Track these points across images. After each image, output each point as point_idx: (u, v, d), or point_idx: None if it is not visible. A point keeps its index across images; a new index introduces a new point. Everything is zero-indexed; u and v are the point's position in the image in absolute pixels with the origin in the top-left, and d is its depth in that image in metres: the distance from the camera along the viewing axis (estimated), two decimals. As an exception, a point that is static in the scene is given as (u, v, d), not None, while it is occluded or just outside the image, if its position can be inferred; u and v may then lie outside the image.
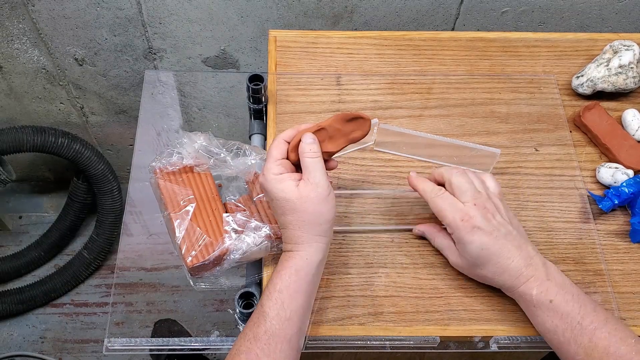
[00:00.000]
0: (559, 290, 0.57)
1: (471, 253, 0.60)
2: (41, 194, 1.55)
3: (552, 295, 0.57)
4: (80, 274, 1.42)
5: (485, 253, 0.59)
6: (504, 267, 0.59)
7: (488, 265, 0.60)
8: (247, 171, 0.68)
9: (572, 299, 0.57)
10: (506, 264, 0.59)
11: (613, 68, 0.77)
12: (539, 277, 0.58)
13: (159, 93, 0.86)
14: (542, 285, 0.58)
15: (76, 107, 1.26)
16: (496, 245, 0.59)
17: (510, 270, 0.59)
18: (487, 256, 0.59)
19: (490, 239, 0.59)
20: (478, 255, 0.59)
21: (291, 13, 1.01)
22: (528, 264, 0.59)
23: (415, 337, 0.62)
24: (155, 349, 0.64)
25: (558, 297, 0.57)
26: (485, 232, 0.59)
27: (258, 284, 0.65)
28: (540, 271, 0.59)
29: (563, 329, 0.56)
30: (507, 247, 0.59)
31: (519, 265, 0.59)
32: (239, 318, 0.61)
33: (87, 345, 1.38)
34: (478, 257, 0.60)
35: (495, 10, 1.01)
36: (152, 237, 0.71)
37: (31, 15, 1.04)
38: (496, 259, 0.59)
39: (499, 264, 0.59)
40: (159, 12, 1.02)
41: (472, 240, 0.59)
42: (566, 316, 0.56)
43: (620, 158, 0.73)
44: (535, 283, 0.58)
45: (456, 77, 0.81)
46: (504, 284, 0.60)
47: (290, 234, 0.58)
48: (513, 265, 0.59)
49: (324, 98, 0.79)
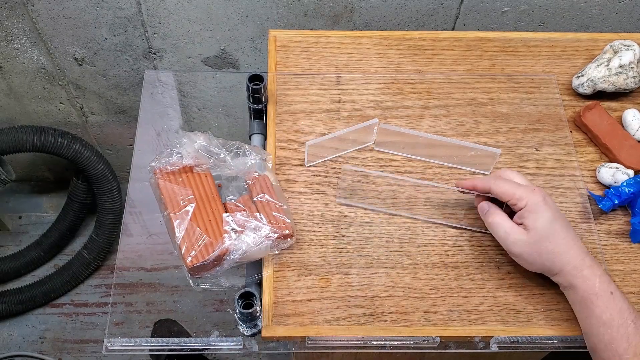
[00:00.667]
0: (616, 286, 0.58)
1: (544, 224, 0.60)
2: (41, 194, 1.55)
3: (613, 288, 0.58)
4: (80, 274, 1.42)
5: (556, 226, 0.60)
6: (571, 243, 0.60)
7: (557, 239, 0.60)
8: (247, 171, 0.68)
9: (625, 298, 0.58)
10: (573, 242, 0.60)
11: (613, 68, 0.77)
12: (599, 268, 0.59)
13: (158, 93, 0.86)
14: (604, 275, 0.59)
15: (76, 107, 1.26)
16: (563, 221, 0.61)
17: (576, 247, 0.60)
18: (557, 229, 0.60)
19: (558, 214, 0.61)
20: (550, 225, 0.60)
21: (291, 13, 1.01)
22: (587, 252, 0.60)
23: (415, 337, 0.62)
24: (155, 349, 0.64)
25: (617, 292, 0.58)
26: (552, 207, 0.61)
27: (258, 284, 0.65)
28: (596, 262, 0.60)
29: (618, 324, 0.56)
30: (570, 228, 0.61)
31: (582, 248, 0.60)
32: (238, 318, 0.61)
33: (87, 346, 1.38)
34: (549, 228, 0.60)
35: (495, 10, 1.01)
36: (152, 237, 0.71)
37: (31, 15, 1.03)
38: (564, 232, 0.60)
39: (567, 238, 0.60)
40: (158, 11, 1.02)
41: (545, 210, 0.60)
42: (623, 312, 0.56)
43: (621, 158, 0.73)
44: (598, 272, 0.59)
45: (456, 77, 0.81)
46: (569, 262, 0.60)
47: None
48: (578, 245, 0.60)
49: (324, 98, 0.78)
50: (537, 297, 0.65)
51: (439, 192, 0.71)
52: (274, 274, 0.65)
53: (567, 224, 0.62)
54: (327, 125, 0.76)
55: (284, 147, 0.74)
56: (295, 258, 0.66)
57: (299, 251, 0.67)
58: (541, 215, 0.60)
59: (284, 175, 0.72)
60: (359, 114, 0.77)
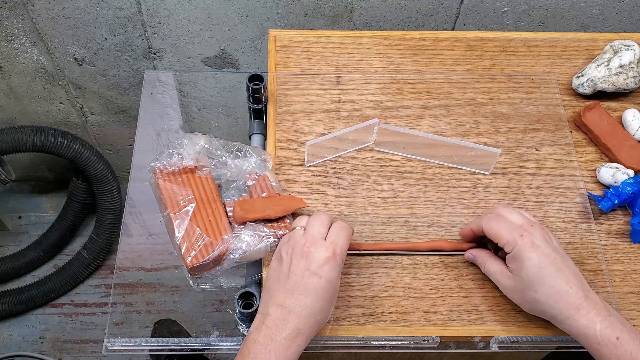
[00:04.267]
0: (623, 327, 0.54)
1: (528, 272, 0.57)
2: (41, 194, 1.55)
3: (618, 332, 0.54)
4: (79, 274, 1.42)
5: (543, 273, 0.56)
6: (561, 292, 0.56)
7: (544, 288, 0.56)
8: (247, 172, 0.68)
9: (637, 337, 0.54)
10: (564, 289, 0.56)
11: (613, 68, 0.77)
12: (601, 312, 0.55)
13: (158, 93, 0.86)
14: (605, 320, 0.54)
15: (76, 107, 1.26)
16: (554, 266, 0.56)
17: (568, 297, 0.56)
18: (544, 277, 0.56)
19: (549, 259, 0.56)
20: (535, 274, 0.56)
21: (291, 13, 1.01)
22: (586, 296, 0.56)
23: (415, 337, 0.62)
24: (155, 349, 0.64)
25: (624, 335, 0.53)
26: (544, 251, 0.57)
27: (258, 284, 0.65)
28: (600, 305, 0.55)
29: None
30: (565, 272, 0.56)
31: (577, 294, 0.55)
32: (238, 318, 0.61)
33: (87, 346, 1.38)
34: (535, 277, 0.56)
35: (495, 10, 1.01)
36: (152, 237, 0.71)
37: (31, 15, 1.03)
38: (554, 281, 0.56)
39: (555, 288, 0.56)
40: (158, 11, 1.02)
41: (531, 256, 0.56)
42: (635, 355, 0.53)
43: (621, 158, 0.73)
44: (598, 317, 0.54)
45: (456, 77, 0.81)
46: (560, 312, 0.56)
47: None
48: (571, 292, 0.56)
49: (324, 98, 0.78)
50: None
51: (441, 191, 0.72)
52: (274, 274, 0.65)
53: (563, 267, 0.57)
54: (327, 125, 0.76)
55: (284, 147, 0.74)
56: (295, 258, 0.66)
57: (299, 251, 0.67)
58: (526, 263, 0.57)
59: (284, 175, 0.72)
60: (359, 114, 0.77)
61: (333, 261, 0.57)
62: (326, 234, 0.60)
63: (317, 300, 0.56)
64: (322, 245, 0.58)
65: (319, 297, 0.56)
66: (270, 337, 0.54)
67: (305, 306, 0.55)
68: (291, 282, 0.56)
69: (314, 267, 0.56)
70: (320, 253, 0.57)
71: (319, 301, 0.56)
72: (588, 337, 0.55)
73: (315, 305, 0.56)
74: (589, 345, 0.56)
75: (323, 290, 0.56)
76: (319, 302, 0.56)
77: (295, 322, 0.55)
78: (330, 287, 0.56)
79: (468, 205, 0.71)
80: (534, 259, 0.57)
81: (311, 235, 0.59)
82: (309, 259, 0.57)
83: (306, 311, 0.55)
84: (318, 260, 0.57)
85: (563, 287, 0.56)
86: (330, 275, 0.56)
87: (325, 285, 0.56)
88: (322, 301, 0.56)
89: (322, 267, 0.56)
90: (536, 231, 0.58)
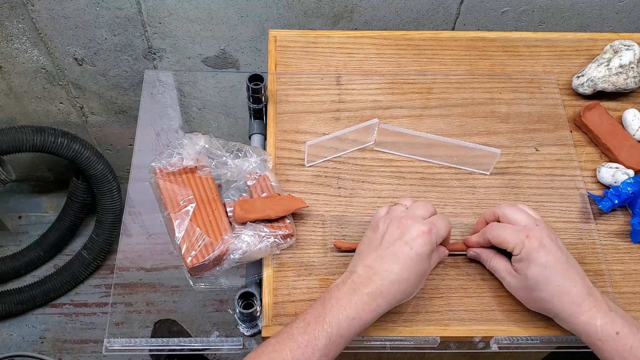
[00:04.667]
0: (623, 322, 0.55)
1: (534, 272, 0.58)
2: (41, 194, 1.55)
3: (619, 327, 0.54)
4: (79, 274, 1.42)
5: (549, 273, 0.57)
6: (565, 290, 0.57)
7: (549, 287, 0.57)
8: (247, 172, 0.68)
9: (637, 331, 0.54)
10: (568, 288, 0.57)
11: (613, 68, 0.77)
12: (602, 308, 0.56)
13: (158, 93, 0.86)
14: (606, 315, 0.55)
15: (76, 107, 1.26)
16: (560, 265, 0.57)
17: (572, 295, 0.57)
18: (549, 277, 0.57)
19: (555, 259, 0.57)
20: (541, 274, 0.57)
21: (291, 13, 1.01)
22: (589, 293, 0.57)
23: (415, 337, 0.62)
24: (155, 349, 0.64)
25: (624, 329, 0.54)
26: (550, 250, 0.58)
27: (258, 284, 0.65)
28: (601, 302, 0.56)
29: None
30: (570, 271, 0.57)
31: (581, 292, 0.57)
32: (238, 318, 0.61)
33: (87, 346, 1.38)
34: (541, 276, 0.57)
35: (495, 10, 1.01)
36: (152, 237, 0.71)
37: (31, 15, 1.03)
38: (559, 280, 0.57)
39: (560, 287, 0.57)
40: (158, 11, 1.02)
41: (538, 257, 0.57)
42: (635, 349, 0.53)
43: (621, 158, 0.73)
44: (599, 313, 0.55)
45: (456, 77, 0.81)
46: (563, 310, 0.57)
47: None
48: (575, 290, 0.57)
49: (324, 98, 0.78)
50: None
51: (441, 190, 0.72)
52: (274, 274, 0.65)
53: (567, 266, 0.58)
54: (327, 125, 0.76)
55: (284, 147, 0.74)
56: (295, 258, 0.66)
57: (299, 251, 0.67)
58: (532, 264, 0.58)
59: (284, 175, 0.72)
60: (359, 114, 0.77)
61: (427, 237, 0.57)
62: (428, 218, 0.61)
63: (404, 270, 0.56)
64: (420, 222, 0.59)
65: (407, 266, 0.56)
66: (353, 290, 0.56)
67: (392, 272, 0.56)
68: (382, 248, 0.58)
69: (407, 237, 0.57)
70: (416, 226, 0.58)
71: (406, 271, 0.56)
72: (589, 333, 0.56)
73: (402, 274, 0.56)
74: (591, 342, 0.56)
75: (411, 261, 0.57)
76: (405, 271, 0.56)
77: (379, 282, 0.56)
78: (419, 260, 0.57)
79: (468, 205, 0.71)
80: (541, 259, 0.57)
81: (412, 212, 0.60)
82: (404, 230, 0.58)
83: (392, 276, 0.56)
84: (412, 232, 0.58)
85: (568, 285, 0.57)
86: (421, 249, 0.57)
87: (415, 257, 0.57)
88: (410, 272, 0.57)
89: (415, 239, 0.57)
90: (542, 231, 0.59)
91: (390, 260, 0.57)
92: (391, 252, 0.57)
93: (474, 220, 0.69)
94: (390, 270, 0.56)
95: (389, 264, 0.57)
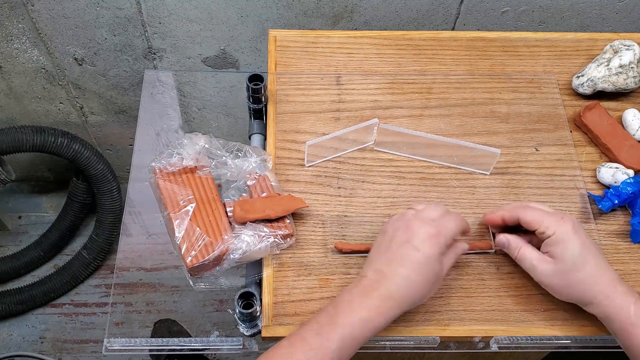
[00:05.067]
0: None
1: (573, 253, 0.58)
2: (41, 194, 1.55)
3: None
4: (79, 274, 1.42)
5: (587, 252, 0.58)
6: (601, 272, 0.57)
7: (587, 267, 0.58)
8: (247, 172, 0.68)
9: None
10: (603, 270, 0.57)
11: (613, 68, 0.77)
12: (633, 294, 0.57)
13: (158, 93, 0.86)
14: (638, 301, 0.56)
15: (76, 107, 1.26)
16: (593, 248, 0.59)
17: (606, 277, 0.57)
18: (586, 257, 0.58)
19: (589, 241, 0.59)
20: (580, 254, 0.58)
21: (291, 13, 1.01)
22: (620, 278, 0.58)
23: (415, 337, 0.62)
24: (154, 349, 0.64)
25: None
26: (583, 234, 0.59)
27: (258, 284, 0.65)
28: (629, 289, 0.57)
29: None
30: (601, 256, 0.59)
31: (614, 276, 0.57)
32: (238, 318, 0.61)
33: (87, 346, 1.38)
34: (580, 256, 0.58)
35: (495, 10, 1.01)
36: (152, 237, 0.71)
37: (31, 15, 1.03)
38: (595, 261, 0.58)
39: (596, 268, 0.57)
40: (158, 11, 1.02)
41: (575, 238, 0.58)
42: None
43: (621, 158, 0.73)
44: (633, 298, 0.56)
45: (456, 77, 0.81)
46: (601, 291, 0.57)
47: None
48: (609, 273, 0.58)
49: (324, 98, 0.78)
50: (537, 297, 0.64)
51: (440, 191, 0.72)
52: (274, 274, 0.65)
53: (598, 251, 0.59)
54: (327, 125, 0.76)
55: (284, 147, 0.74)
56: (295, 258, 0.66)
57: (299, 251, 0.67)
58: (570, 244, 0.58)
59: (284, 175, 0.72)
60: (359, 114, 0.77)
61: (435, 239, 0.57)
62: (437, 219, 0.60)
63: (413, 273, 0.56)
64: (428, 224, 0.59)
65: (416, 270, 0.56)
66: (364, 293, 0.56)
67: (401, 275, 0.56)
68: (390, 252, 0.58)
69: (415, 241, 0.57)
70: (424, 229, 0.58)
71: (416, 274, 0.56)
72: (622, 317, 0.56)
73: (412, 277, 0.56)
74: (621, 326, 0.56)
75: (420, 264, 0.56)
76: (415, 274, 0.56)
77: (389, 285, 0.56)
78: (428, 263, 0.57)
79: (468, 205, 0.71)
80: (577, 240, 0.58)
81: (422, 215, 0.60)
82: (412, 233, 0.58)
83: (401, 280, 0.56)
84: (420, 235, 0.58)
85: (602, 267, 0.58)
86: (429, 251, 0.57)
87: (423, 259, 0.57)
88: (420, 275, 0.56)
89: (423, 242, 0.57)
90: (573, 217, 0.61)
91: (399, 264, 0.57)
92: (399, 256, 0.57)
93: (474, 220, 0.69)
94: (399, 273, 0.56)
95: (397, 267, 0.57)
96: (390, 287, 0.56)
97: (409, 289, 0.56)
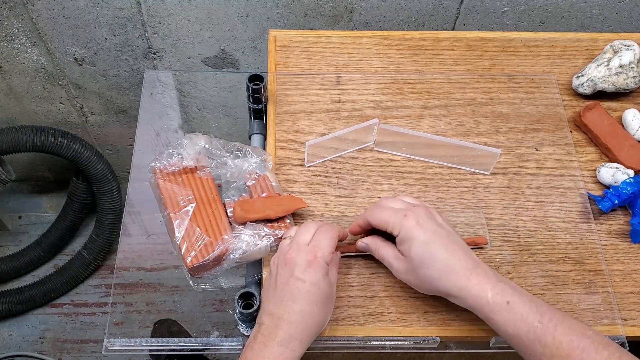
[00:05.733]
0: (513, 291, 0.55)
1: (417, 250, 0.57)
2: (41, 194, 1.55)
3: (508, 297, 0.54)
4: (79, 274, 1.42)
5: (432, 249, 0.57)
6: (451, 265, 0.56)
7: (435, 263, 0.57)
8: (247, 172, 0.68)
9: (527, 299, 0.55)
10: (453, 262, 0.56)
11: (613, 68, 0.77)
12: (491, 279, 0.56)
13: (158, 93, 0.86)
14: (496, 286, 0.55)
15: (76, 107, 1.26)
16: (441, 241, 0.57)
17: (458, 269, 0.56)
18: (433, 253, 0.57)
19: (435, 235, 0.57)
20: (424, 251, 0.57)
21: (291, 13, 1.01)
22: (475, 265, 0.57)
23: (415, 337, 0.62)
24: (154, 349, 0.64)
25: (514, 298, 0.54)
26: (429, 227, 0.58)
27: (258, 284, 0.65)
28: (489, 273, 0.57)
29: (526, 331, 0.53)
30: (452, 246, 0.57)
31: (467, 266, 0.56)
32: (238, 318, 0.61)
33: (87, 346, 1.38)
34: (424, 253, 0.57)
35: (495, 10, 1.01)
36: (152, 237, 0.71)
37: (31, 15, 1.03)
38: (443, 255, 0.57)
39: (445, 262, 0.56)
40: (158, 11, 1.02)
41: (418, 234, 0.57)
42: (526, 317, 0.53)
43: (621, 158, 0.73)
44: (488, 285, 0.55)
45: (456, 77, 0.81)
46: (454, 285, 0.56)
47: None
48: (460, 265, 0.56)
49: (324, 98, 0.78)
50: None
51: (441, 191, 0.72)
52: (274, 274, 0.65)
53: (449, 241, 0.58)
54: (327, 125, 0.76)
55: (284, 147, 0.74)
56: (295, 258, 0.66)
57: (299, 251, 0.67)
58: (414, 242, 0.57)
59: (284, 175, 0.72)
60: (359, 114, 0.77)
61: (315, 264, 0.57)
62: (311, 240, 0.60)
63: (306, 305, 0.56)
64: (303, 250, 0.58)
65: (307, 301, 0.56)
66: (264, 344, 0.55)
67: (294, 312, 0.56)
68: (279, 291, 0.57)
69: (297, 272, 0.57)
70: (301, 258, 0.58)
71: (308, 305, 0.56)
72: (481, 306, 0.55)
73: (305, 309, 0.56)
74: (484, 315, 0.56)
75: (309, 294, 0.56)
76: (307, 306, 0.56)
77: (286, 328, 0.55)
78: (317, 289, 0.56)
79: (468, 205, 0.71)
80: (420, 237, 0.57)
81: (295, 242, 0.60)
82: (292, 265, 0.58)
83: (295, 316, 0.56)
84: (300, 265, 0.57)
85: (451, 260, 0.57)
86: (314, 278, 0.56)
87: (311, 288, 0.56)
88: (312, 304, 0.56)
89: (305, 271, 0.57)
90: (419, 210, 0.59)
91: (290, 300, 0.56)
92: (288, 292, 0.56)
93: (474, 220, 0.69)
94: (292, 310, 0.56)
95: (289, 305, 0.56)
96: (288, 329, 0.55)
97: (307, 322, 0.56)
